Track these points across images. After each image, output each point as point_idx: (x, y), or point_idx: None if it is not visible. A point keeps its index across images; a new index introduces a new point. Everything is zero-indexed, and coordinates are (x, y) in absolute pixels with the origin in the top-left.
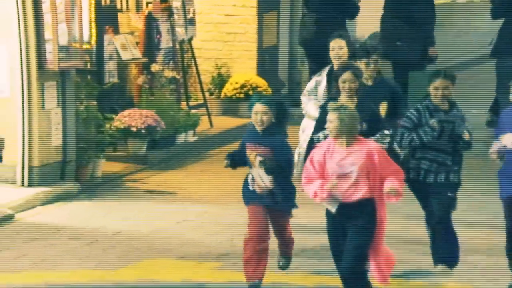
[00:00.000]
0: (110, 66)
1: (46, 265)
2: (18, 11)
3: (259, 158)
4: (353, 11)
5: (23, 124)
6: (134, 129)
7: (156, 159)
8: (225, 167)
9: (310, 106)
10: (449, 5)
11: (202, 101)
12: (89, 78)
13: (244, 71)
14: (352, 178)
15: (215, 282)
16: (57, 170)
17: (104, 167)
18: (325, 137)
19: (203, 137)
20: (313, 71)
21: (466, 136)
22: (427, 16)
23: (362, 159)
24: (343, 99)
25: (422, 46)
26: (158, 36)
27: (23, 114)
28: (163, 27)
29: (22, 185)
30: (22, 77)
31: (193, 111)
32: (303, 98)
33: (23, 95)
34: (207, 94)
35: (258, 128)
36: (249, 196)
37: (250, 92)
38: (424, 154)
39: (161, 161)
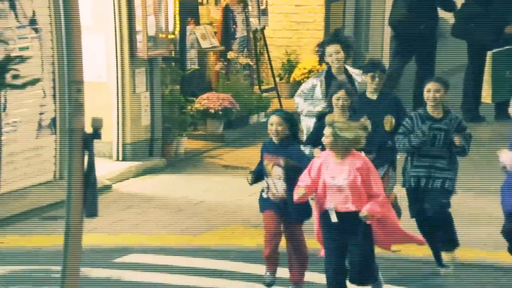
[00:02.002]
0: (192, 54)
1: (139, 230)
2: (114, 6)
3: (276, 168)
4: (450, 7)
5: (117, 106)
6: (212, 110)
7: (232, 137)
8: (250, 184)
9: (306, 105)
10: None
11: (273, 85)
12: (173, 65)
13: (312, 58)
14: (345, 191)
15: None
16: (146, 146)
17: (186, 144)
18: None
19: None
20: (398, 53)
21: (457, 141)
22: None
23: (352, 174)
24: (336, 115)
25: (498, 25)
26: (234, 26)
27: (117, 97)
28: (239, 18)
29: (117, 159)
30: (116, 64)
31: (264, 94)
32: (297, 99)
33: (117, 80)
34: (277, 79)
35: (274, 139)
36: (263, 204)
37: None
38: (420, 162)
39: (236, 140)
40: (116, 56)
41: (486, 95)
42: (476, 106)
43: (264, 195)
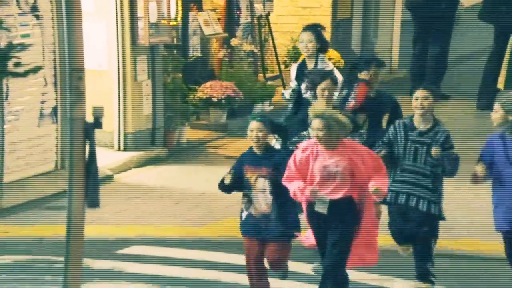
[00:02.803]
0: (194, 41)
1: (141, 221)
2: None
3: (261, 180)
4: None
5: (119, 94)
6: (215, 99)
7: (235, 127)
8: (227, 185)
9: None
10: None
11: (278, 73)
12: (175, 52)
13: None
14: (337, 179)
15: None
16: (147, 136)
17: (188, 134)
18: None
19: (278, 107)
20: (418, 35)
21: (433, 152)
22: None
23: (345, 161)
24: (320, 105)
25: None
26: (238, 12)
27: (118, 85)
28: (243, 3)
29: (119, 149)
30: (117, 51)
31: (269, 82)
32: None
33: (118, 68)
34: (282, 66)
35: (255, 146)
36: (244, 226)
37: None
38: (402, 177)
39: (239, 129)
40: (117, 43)
41: (501, 80)
42: (494, 93)
43: (244, 215)
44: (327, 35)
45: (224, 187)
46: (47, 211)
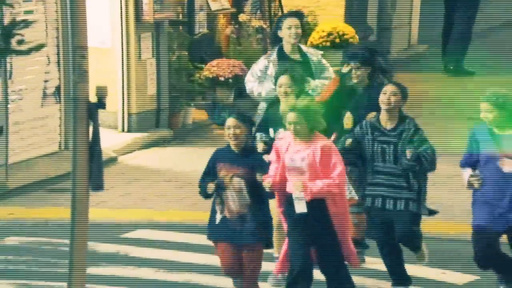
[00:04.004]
0: (200, 17)
1: (146, 204)
2: None
3: (237, 180)
4: None
5: (122, 73)
6: (222, 78)
7: (243, 107)
8: (205, 197)
9: (268, 85)
10: None
11: None
12: (180, 29)
13: (332, 19)
14: (304, 174)
15: None
16: (152, 117)
17: (194, 115)
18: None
19: None
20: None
21: (408, 154)
22: None
23: (311, 156)
24: (282, 105)
25: None
26: None
27: (122, 64)
28: None
29: (122, 130)
30: (121, 28)
31: None
32: (250, 84)
33: (122, 46)
34: None
35: (233, 144)
36: (216, 231)
37: (337, 40)
38: (375, 179)
39: (247, 109)
40: (121, 20)
41: None
42: None
43: (218, 218)
44: (341, 9)
45: (205, 194)
46: (52, 193)
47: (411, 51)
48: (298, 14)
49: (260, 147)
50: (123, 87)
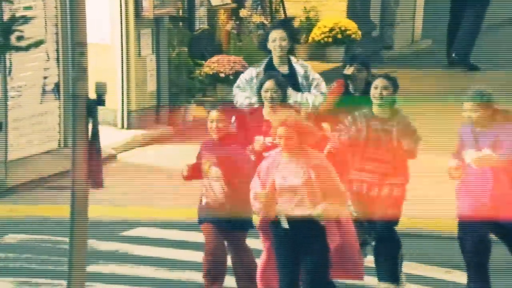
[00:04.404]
0: (201, 13)
1: (146, 202)
2: None
3: (214, 169)
4: None
5: (122, 70)
6: (222, 75)
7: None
8: (184, 179)
9: (242, 98)
10: None
11: None
12: (180, 25)
13: (333, 14)
14: (298, 192)
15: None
16: (152, 114)
17: (194, 111)
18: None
19: None
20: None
21: (405, 144)
22: None
23: (306, 173)
24: (266, 110)
25: None
26: None
27: (121, 60)
28: None
29: (122, 127)
30: (121, 24)
31: None
32: (235, 90)
33: (121, 42)
34: None
35: (215, 136)
36: (201, 214)
37: (339, 36)
38: (364, 164)
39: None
40: (121, 16)
41: None
42: None
43: (203, 201)
44: (343, 4)
45: (183, 176)
46: (51, 191)
47: (415, 47)
48: (284, 24)
49: (257, 145)
50: (122, 83)
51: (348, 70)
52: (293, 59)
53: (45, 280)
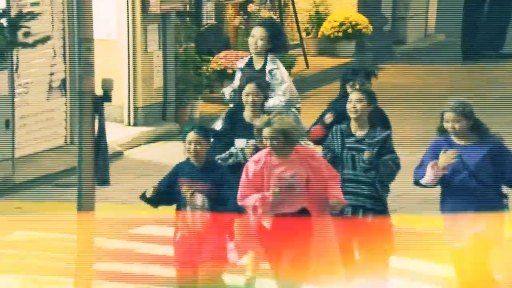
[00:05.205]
0: (208, 8)
1: None
2: None
3: (199, 196)
4: None
5: (128, 66)
6: (230, 71)
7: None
8: (149, 198)
9: (227, 92)
10: None
11: (298, 41)
12: (188, 20)
13: (344, 8)
14: (293, 190)
15: None
16: (158, 110)
17: (201, 108)
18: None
19: (298, 79)
20: None
21: (366, 155)
22: None
23: (302, 170)
24: (247, 113)
25: None
26: None
27: (128, 56)
28: None
29: (128, 124)
30: (127, 19)
31: (289, 51)
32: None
33: (128, 38)
34: (303, 33)
35: (193, 159)
36: (177, 250)
37: (349, 30)
38: (345, 188)
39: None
40: (127, 11)
41: None
42: None
43: (178, 235)
44: None
45: (148, 200)
46: (58, 188)
47: (428, 41)
48: (267, 24)
49: (249, 150)
50: (129, 80)
51: (328, 119)
52: (270, 57)
53: (52, 277)
